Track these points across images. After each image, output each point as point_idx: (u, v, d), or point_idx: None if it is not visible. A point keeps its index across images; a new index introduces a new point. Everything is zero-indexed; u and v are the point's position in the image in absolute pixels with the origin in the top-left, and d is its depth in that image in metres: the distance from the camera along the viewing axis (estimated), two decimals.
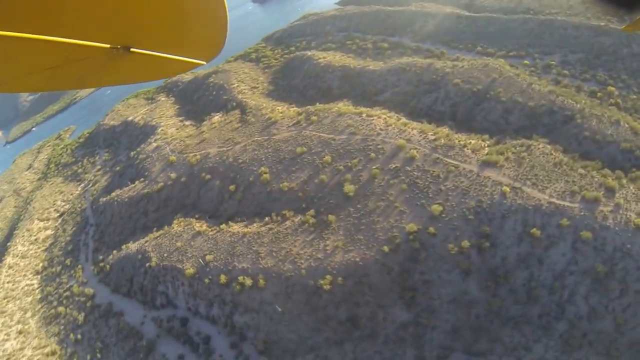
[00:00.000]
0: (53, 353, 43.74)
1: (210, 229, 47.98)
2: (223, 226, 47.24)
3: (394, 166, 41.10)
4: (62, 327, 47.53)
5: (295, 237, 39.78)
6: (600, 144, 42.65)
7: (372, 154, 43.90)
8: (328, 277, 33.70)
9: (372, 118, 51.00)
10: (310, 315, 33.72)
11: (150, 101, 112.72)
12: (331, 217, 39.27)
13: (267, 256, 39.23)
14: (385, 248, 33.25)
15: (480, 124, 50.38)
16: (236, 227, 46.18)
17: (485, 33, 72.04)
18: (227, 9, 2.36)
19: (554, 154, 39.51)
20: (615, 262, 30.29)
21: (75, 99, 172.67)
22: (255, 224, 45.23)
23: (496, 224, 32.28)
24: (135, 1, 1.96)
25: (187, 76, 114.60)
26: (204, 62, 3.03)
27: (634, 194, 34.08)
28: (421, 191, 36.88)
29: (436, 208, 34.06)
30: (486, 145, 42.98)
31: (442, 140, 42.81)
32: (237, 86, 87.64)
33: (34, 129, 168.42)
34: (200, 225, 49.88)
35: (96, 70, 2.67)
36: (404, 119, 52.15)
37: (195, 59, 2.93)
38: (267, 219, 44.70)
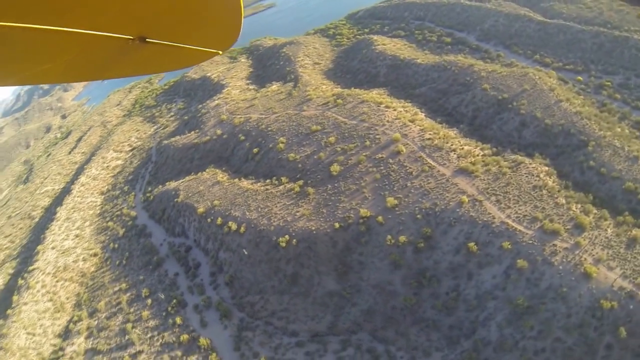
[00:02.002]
0: (95, 255, 59.13)
1: (227, 181, 58.24)
2: (236, 180, 57.22)
3: (379, 156, 45.98)
4: (107, 237, 62.96)
5: (279, 200, 47.76)
6: (603, 178, 41.85)
7: (368, 142, 49.07)
8: (287, 237, 41.15)
9: (387, 110, 55.41)
10: (266, 264, 41.90)
11: (232, 60, 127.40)
12: (311, 190, 46.23)
13: (254, 210, 47.98)
14: (337, 225, 39.35)
15: (494, 133, 51.76)
16: (245, 183, 55.64)
17: (553, 41, 69.51)
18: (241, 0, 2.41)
19: (541, 176, 40.32)
20: (544, 301, 29.97)
21: None
22: (259, 183, 54.15)
23: (441, 229, 35.65)
24: None
25: (269, 42, 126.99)
26: (220, 53, 3.15)
27: (605, 238, 32.87)
28: (389, 183, 41.62)
29: (391, 201, 38.77)
30: (480, 154, 45.16)
31: (435, 141, 46.08)
32: (302, 60, 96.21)
33: None
34: (222, 177, 60.44)
35: (113, 61, 2.79)
36: (420, 115, 55.53)
37: (211, 48, 3.04)
38: (268, 180, 53.27)
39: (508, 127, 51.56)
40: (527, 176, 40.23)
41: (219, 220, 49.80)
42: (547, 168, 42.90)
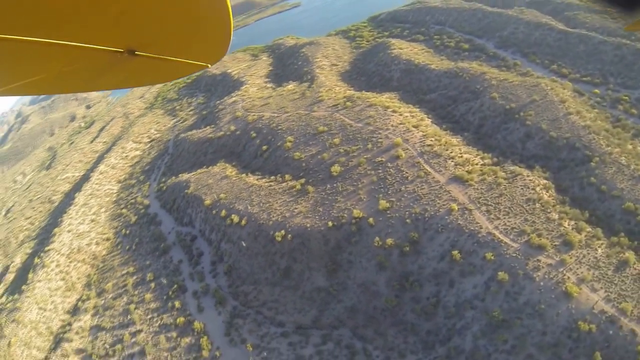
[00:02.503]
0: (108, 239, 63.12)
1: (235, 176, 61.01)
2: (244, 175, 59.93)
3: (379, 159, 47.57)
4: (120, 223, 66.94)
5: (280, 196, 50.07)
6: (603, 196, 41.50)
7: (370, 145, 50.74)
8: (283, 232, 43.39)
9: (393, 114, 56.85)
10: (262, 257, 44.26)
11: (253, 58, 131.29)
12: (311, 188, 48.30)
13: (256, 205, 50.46)
14: (330, 223, 41.27)
15: (498, 143, 52.43)
16: (251, 178, 58.25)
17: (572, 51, 69.13)
18: (230, 14, 2.45)
19: (536, 190, 40.85)
20: (520, 316, 30.27)
21: None
22: (264, 179, 56.64)
23: (428, 235, 36.88)
24: (140, 7, 2.04)
25: (291, 41, 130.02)
26: (209, 66, 3.19)
27: (594, 258, 32.61)
28: (385, 186, 43.19)
29: (383, 203, 40.37)
30: (479, 163, 46.11)
31: (435, 148, 47.32)
32: (320, 61, 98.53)
33: None
34: (231, 171, 63.29)
35: (102, 74, 2.82)
36: (426, 121, 56.72)
37: (199, 62, 3.09)
38: (273, 177, 55.70)
39: (512, 137, 52.12)
40: (522, 188, 40.89)
41: (223, 213, 52.54)
42: (545, 181, 43.36)
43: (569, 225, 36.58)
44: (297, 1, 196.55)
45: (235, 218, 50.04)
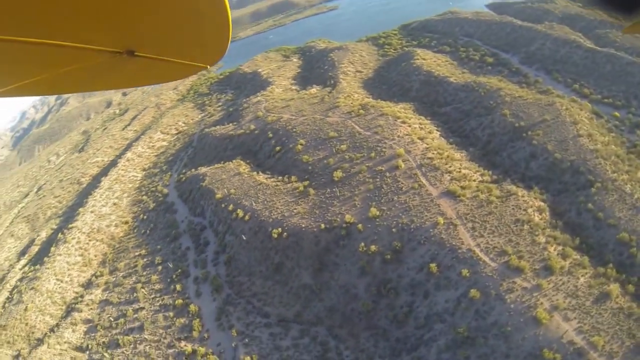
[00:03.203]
0: (126, 222, 68.91)
1: (247, 173, 64.99)
2: (255, 174, 63.77)
3: (379, 168, 49.94)
4: (139, 208, 72.70)
5: (284, 196, 53.45)
6: (599, 223, 41.24)
7: (373, 154, 53.14)
8: (280, 229, 46.78)
9: (402, 125, 58.93)
10: (259, 251, 47.80)
11: (284, 59, 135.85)
12: (312, 191, 51.37)
13: (260, 202, 54.12)
14: (322, 225, 44.20)
15: (502, 160, 53.42)
16: (261, 177, 61.97)
17: (598, 71, 68.43)
18: (229, 15, 2.48)
19: (528, 211, 41.73)
20: (486, 335, 31.08)
21: (235, 37, 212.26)
22: (272, 179, 60.21)
23: (411, 245, 38.80)
24: (139, 7, 2.05)
25: (322, 44, 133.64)
26: (207, 67, 3.24)
27: (574, 287, 32.84)
28: (379, 195, 45.59)
29: (374, 211, 42.82)
30: (477, 179, 47.54)
31: (435, 161, 49.12)
32: (345, 67, 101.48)
33: None
34: (244, 169, 67.38)
35: (101, 75, 2.86)
36: (434, 134, 58.44)
37: (198, 63, 3.13)
38: (280, 177, 59.16)
39: (517, 156, 52.90)
40: (513, 208, 42.09)
41: (231, 207, 56.56)
42: (541, 204, 44.11)
43: (554, 250, 37.05)
44: (335, 4, 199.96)
45: (241, 213, 53.89)
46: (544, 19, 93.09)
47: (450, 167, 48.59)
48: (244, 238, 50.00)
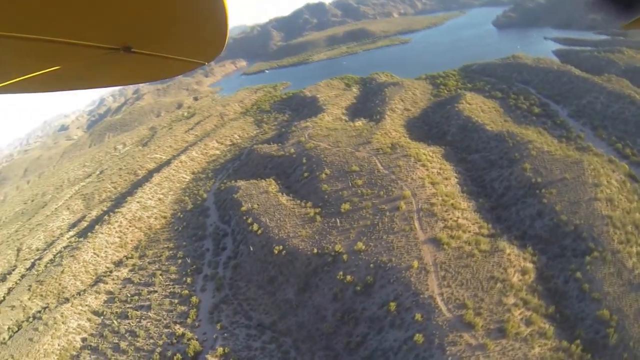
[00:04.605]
0: (164, 217, 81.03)
1: (273, 193, 73.79)
2: (279, 194, 72.36)
3: (382, 207, 55.59)
4: (179, 207, 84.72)
5: (295, 218, 61.02)
6: (582, 295, 41.42)
7: (382, 192, 58.87)
8: (281, 247, 54.32)
9: (420, 167, 63.86)
10: (260, 263, 55.61)
11: (346, 88, 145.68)
12: (319, 218, 58.36)
13: (274, 220, 62.21)
14: (315, 250, 50.94)
15: (509, 215, 55.34)
16: (283, 199, 70.30)
17: None
18: (227, 11, 2.53)
19: (507, 270, 43.61)
20: None
21: (308, 60, 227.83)
22: (292, 202, 68.21)
23: (382, 282, 43.50)
24: (136, 3, 2.09)
25: (383, 78, 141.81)
26: (205, 63, 3.37)
27: (523, 355, 33.41)
28: (372, 231, 51.27)
29: (360, 245, 48.53)
30: (473, 231, 51.07)
31: (436, 207, 53.48)
32: (395, 103, 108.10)
33: (266, 71, 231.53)
34: (272, 188, 76.34)
35: (98, 72, 2.97)
36: (451, 180, 62.44)
37: (196, 59, 3.26)
38: (299, 202, 66.96)
39: (525, 213, 53.97)
40: (493, 265, 45.08)
41: (250, 220, 65.36)
42: (528, 265, 46.15)
43: (519, 314, 38.02)
44: (408, 37, 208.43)
45: (256, 227, 62.36)
46: (605, 70, 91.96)
47: (448, 215, 52.56)
48: (251, 249, 58.24)
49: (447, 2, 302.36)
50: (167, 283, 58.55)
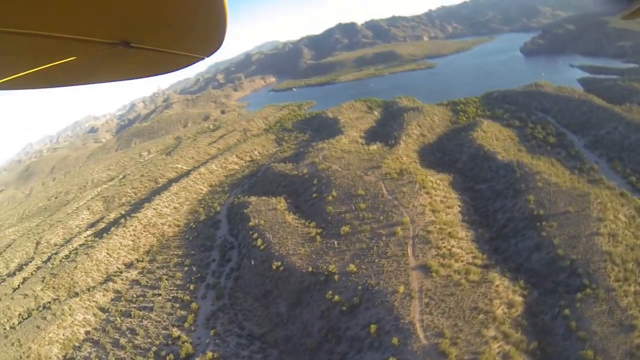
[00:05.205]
0: (178, 226, 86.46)
1: (281, 211, 77.72)
2: (287, 213, 76.21)
3: (379, 232, 58.37)
4: (193, 217, 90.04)
5: (297, 237, 64.53)
6: (568, 333, 41.66)
7: (382, 217, 61.62)
8: (279, 263, 57.84)
9: (423, 195, 66.21)
10: (259, 276, 59.19)
11: (368, 110, 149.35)
12: (319, 239, 61.65)
13: (277, 237, 65.93)
14: (310, 269, 54.17)
15: (507, 247, 55.10)
16: (290, 217, 74.09)
17: None
18: (226, 6, 2.55)
19: (493, 302, 44.08)
20: None
21: (336, 80, 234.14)
22: (298, 221, 71.84)
23: (367, 304, 45.93)
24: None
25: (404, 102, 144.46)
26: (204, 57, 3.39)
27: None
28: (366, 255, 54.02)
29: (352, 267, 51.27)
30: (467, 260, 52.52)
31: (432, 235, 55.33)
32: (412, 129, 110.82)
33: (294, 89, 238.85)
34: (281, 206, 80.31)
35: (95, 67, 2.99)
36: (453, 209, 64.35)
37: (195, 54, 3.29)
38: (304, 221, 70.54)
39: (523, 245, 54.46)
40: (479, 295, 46.52)
41: (255, 235, 69.35)
42: (517, 299, 46.85)
43: (498, 347, 38.90)
44: (434, 62, 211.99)
45: (260, 242, 66.25)
46: (627, 99, 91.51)
47: (443, 243, 54.40)
48: (252, 263, 62.04)
49: (477, 26, 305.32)
50: (171, 288, 63.02)
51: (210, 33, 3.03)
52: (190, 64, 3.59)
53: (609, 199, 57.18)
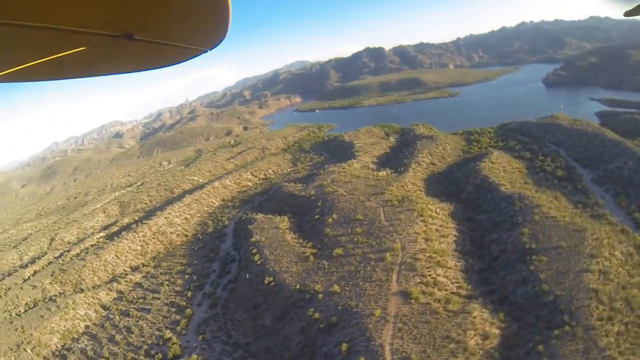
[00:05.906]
0: (186, 235, 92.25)
1: (282, 229, 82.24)
2: (287, 232, 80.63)
3: (369, 256, 61.74)
4: (201, 229, 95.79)
5: (292, 256, 68.71)
6: None
7: (375, 242, 65.06)
8: (271, 278, 62.09)
9: (419, 223, 69.09)
10: (252, 290, 63.50)
11: (384, 136, 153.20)
12: (312, 259, 65.62)
13: (274, 255, 70.32)
14: (298, 286, 58.09)
15: (495, 279, 55.14)
16: (289, 237, 78.40)
17: None
18: None
19: (467, 333, 44.30)
20: None
21: (358, 103, 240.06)
22: (296, 240, 76.07)
23: (343, 324, 49.19)
24: None
25: (421, 130, 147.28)
26: (207, 50, 3.43)
27: None
28: (352, 277, 57.50)
29: (335, 288, 54.73)
30: (451, 289, 54.69)
31: (419, 263, 57.82)
32: (422, 157, 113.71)
33: (317, 110, 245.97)
34: (283, 225, 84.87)
35: (99, 59, 3.04)
36: (448, 238, 66.80)
37: (198, 46, 3.34)
38: (302, 241, 74.71)
39: (511, 278, 54.98)
40: (454, 325, 48.91)
41: (254, 251, 73.99)
42: (494, 331, 47.83)
43: None
44: (457, 90, 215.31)
45: (257, 257, 70.79)
46: None
47: (429, 271, 56.82)
48: (247, 276, 66.52)
49: (503, 56, 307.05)
50: (170, 293, 68.12)
51: (213, 26, 3.14)
52: (193, 57, 3.71)
53: (606, 235, 57.24)
